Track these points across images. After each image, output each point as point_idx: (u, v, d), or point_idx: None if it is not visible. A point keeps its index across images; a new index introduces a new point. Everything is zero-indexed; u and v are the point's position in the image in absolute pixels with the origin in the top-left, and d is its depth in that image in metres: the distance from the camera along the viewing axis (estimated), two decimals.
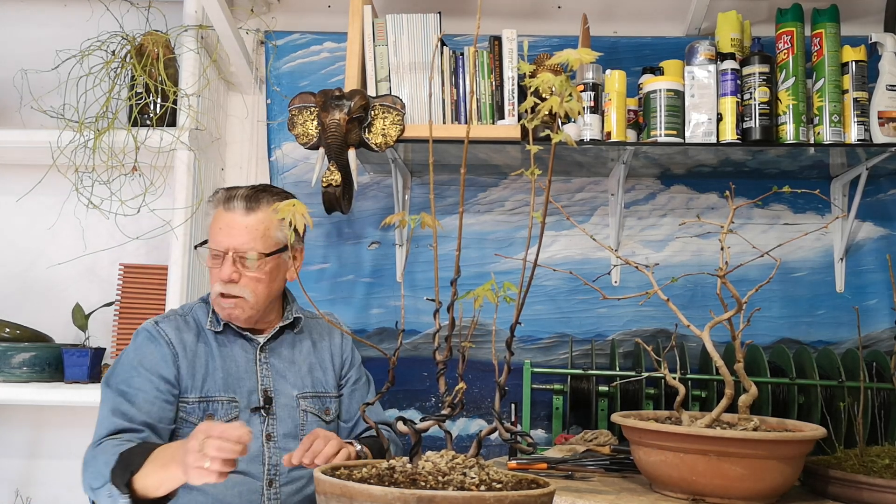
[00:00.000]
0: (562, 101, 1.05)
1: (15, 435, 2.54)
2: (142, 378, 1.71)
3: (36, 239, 2.56)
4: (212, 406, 1.75)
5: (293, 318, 1.88)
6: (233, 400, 1.77)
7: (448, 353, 1.13)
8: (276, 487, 1.76)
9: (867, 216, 2.47)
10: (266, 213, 1.78)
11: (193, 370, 1.76)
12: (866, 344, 2.38)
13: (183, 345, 1.77)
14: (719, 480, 1.48)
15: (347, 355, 1.95)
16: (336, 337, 1.96)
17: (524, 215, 2.53)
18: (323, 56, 2.59)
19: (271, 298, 1.83)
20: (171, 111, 2.34)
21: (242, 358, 1.82)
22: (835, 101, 2.14)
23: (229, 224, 1.77)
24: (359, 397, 1.93)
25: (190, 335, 1.80)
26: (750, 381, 1.60)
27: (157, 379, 1.72)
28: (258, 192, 1.81)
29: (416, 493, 0.93)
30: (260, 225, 1.77)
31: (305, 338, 1.91)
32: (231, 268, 1.75)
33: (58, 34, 2.52)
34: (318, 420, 1.83)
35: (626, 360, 2.41)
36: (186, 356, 1.76)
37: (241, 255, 1.76)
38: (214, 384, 1.77)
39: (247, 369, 1.81)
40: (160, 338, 1.77)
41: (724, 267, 1.58)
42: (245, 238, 1.76)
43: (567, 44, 2.52)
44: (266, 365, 1.83)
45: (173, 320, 1.82)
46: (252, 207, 1.78)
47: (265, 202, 1.79)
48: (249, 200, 1.78)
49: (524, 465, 1.77)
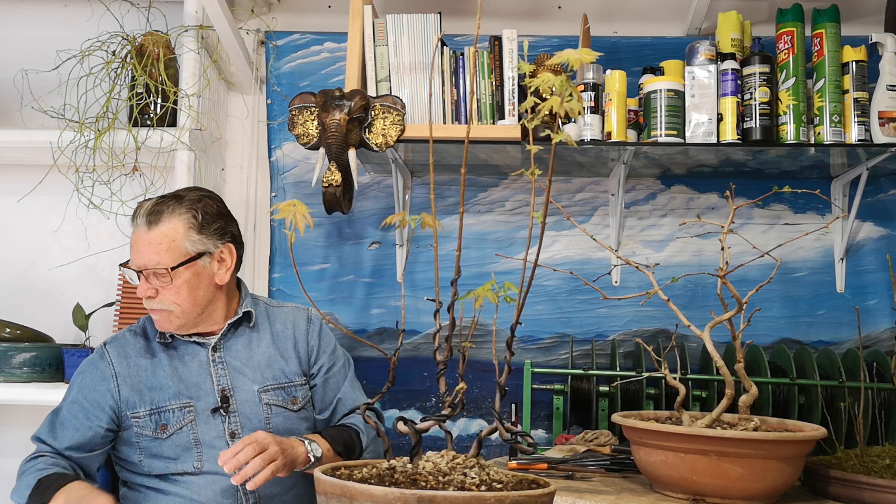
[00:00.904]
0: (562, 101, 1.05)
1: (15, 435, 2.54)
2: (77, 406, 1.78)
3: (36, 239, 2.56)
4: (164, 416, 1.77)
5: (242, 314, 1.86)
6: (187, 405, 1.77)
7: (448, 353, 1.13)
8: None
9: (867, 216, 2.47)
10: (170, 224, 1.75)
11: (139, 385, 1.79)
12: (867, 344, 2.38)
13: (127, 363, 1.81)
14: (720, 480, 1.48)
15: (314, 342, 1.91)
16: (301, 323, 1.92)
17: (524, 215, 2.53)
18: (323, 56, 2.59)
19: (202, 305, 1.79)
20: (172, 111, 2.34)
21: (195, 362, 1.82)
22: (835, 101, 2.14)
23: (136, 242, 1.77)
24: (333, 385, 1.90)
25: (135, 350, 1.83)
26: (750, 381, 1.60)
27: (92, 407, 1.78)
28: (161, 205, 1.77)
29: (417, 494, 0.93)
30: (164, 238, 1.74)
31: (265, 330, 1.88)
32: (146, 285, 1.76)
33: (58, 34, 2.52)
34: (283, 411, 1.82)
35: (626, 360, 2.41)
36: (130, 374, 1.80)
37: (151, 271, 1.74)
38: (163, 394, 1.78)
39: (200, 372, 1.81)
40: (102, 361, 1.81)
41: (725, 267, 1.59)
42: (150, 254, 1.74)
43: (567, 44, 2.51)
44: (221, 364, 1.82)
45: (121, 338, 1.86)
46: (153, 221, 1.75)
47: (167, 213, 1.75)
48: (150, 215, 1.76)
49: (524, 466, 1.77)
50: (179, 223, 1.76)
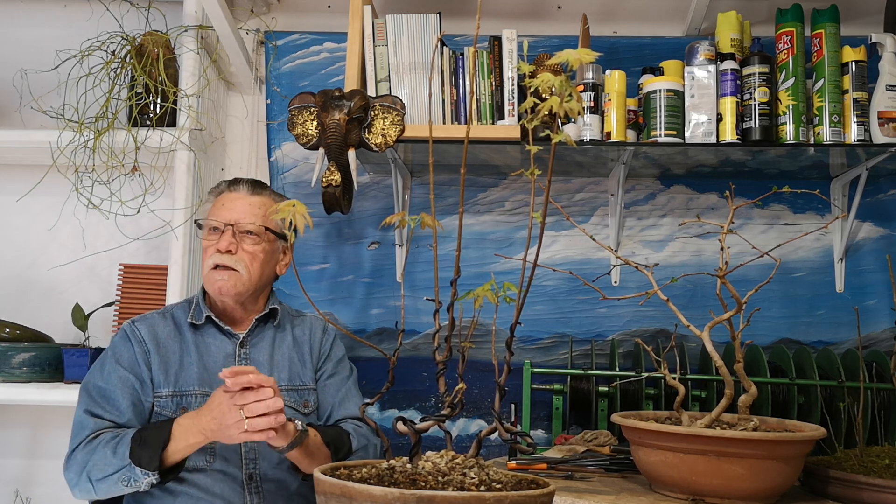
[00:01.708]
0: (561, 101, 1.05)
1: (15, 435, 2.54)
2: (118, 375, 1.76)
3: (36, 239, 2.56)
4: (185, 400, 1.78)
5: (269, 309, 1.90)
6: (207, 394, 1.76)
7: (448, 353, 1.13)
8: (257, 481, 1.76)
9: (867, 216, 2.47)
10: (269, 199, 1.91)
11: (166, 365, 1.79)
12: (866, 344, 2.38)
13: (156, 341, 1.81)
14: (719, 480, 1.48)
15: (326, 350, 1.96)
16: (318, 332, 1.97)
17: (524, 215, 2.53)
18: (323, 56, 2.59)
19: (261, 284, 1.87)
20: (171, 111, 2.34)
21: (221, 352, 1.84)
22: (835, 101, 2.14)
23: (232, 200, 1.87)
24: (332, 390, 1.91)
25: (165, 330, 1.84)
26: (750, 381, 1.60)
27: (132, 377, 1.77)
28: (262, 184, 1.95)
29: (416, 494, 0.93)
30: (264, 205, 1.87)
31: (287, 332, 1.93)
32: (230, 238, 1.82)
33: (58, 34, 2.52)
34: (295, 413, 1.83)
35: (625, 360, 2.41)
36: (159, 352, 1.80)
37: (243, 229, 1.83)
38: (188, 378, 1.79)
39: (225, 363, 1.81)
40: (133, 337, 1.81)
41: (724, 267, 1.59)
42: (248, 213, 1.85)
43: (567, 44, 2.51)
44: (246, 360, 1.84)
45: (150, 318, 1.87)
46: (257, 191, 1.90)
47: (268, 192, 1.93)
48: (255, 185, 1.92)
49: (524, 466, 1.77)
50: (275, 202, 1.90)
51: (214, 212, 1.88)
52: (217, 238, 1.83)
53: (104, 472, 1.64)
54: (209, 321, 1.86)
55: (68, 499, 2.46)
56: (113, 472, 1.63)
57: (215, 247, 1.82)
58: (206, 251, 1.85)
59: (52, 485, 2.50)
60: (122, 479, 1.62)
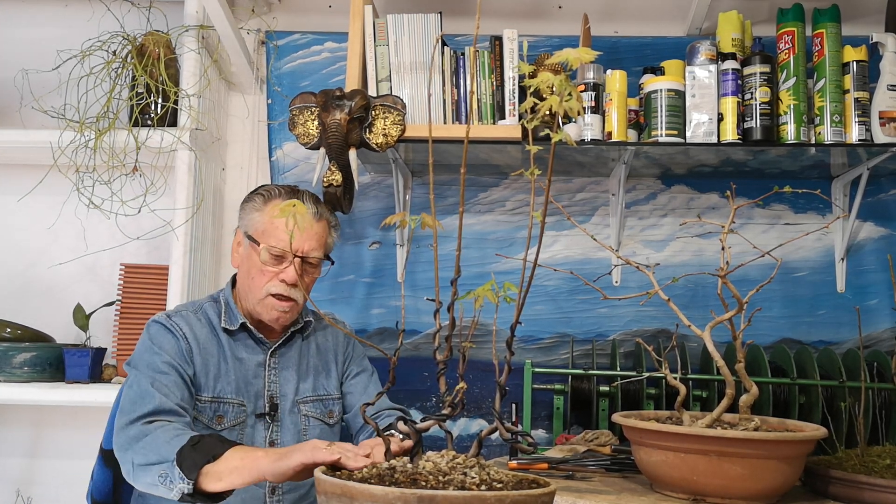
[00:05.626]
0: (561, 101, 1.04)
1: (16, 435, 2.54)
2: (165, 363, 1.65)
3: (37, 239, 2.56)
4: (222, 408, 1.71)
5: (303, 322, 1.87)
6: (242, 404, 1.74)
7: (448, 353, 1.13)
8: (279, 495, 1.75)
9: (868, 216, 2.47)
10: (326, 221, 1.83)
11: (207, 368, 1.72)
12: (867, 344, 2.38)
13: (197, 340, 1.72)
14: (720, 480, 1.48)
15: (350, 352, 1.94)
16: (340, 335, 1.95)
17: (525, 215, 2.53)
18: (324, 56, 2.59)
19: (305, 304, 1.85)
20: (172, 111, 2.34)
21: (252, 361, 1.79)
22: (836, 101, 2.14)
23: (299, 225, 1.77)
24: (360, 387, 1.90)
25: (203, 331, 1.75)
26: (751, 381, 1.60)
27: (181, 364, 1.67)
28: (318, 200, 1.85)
29: (417, 493, 0.93)
30: (324, 231, 1.82)
31: (311, 341, 1.90)
32: (297, 270, 1.74)
33: (58, 34, 2.52)
34: (320, 423, 1.82)
35: (626, 360, 2.41)
36: (200, 353, 1.72)
37: (308, 259, 1.77)
38: (227, 385, 1.73)
39: (256, 373, 1.78)
40: (175, 331, 1.71)
41: (725, 267, 1.58)
42: (315, 244, 1.79)
43: (568, 44, 2.51)
44: (275, 371, 1.80)
45: (185, 315, 1.76)
46: (318, 213, 1.81)
47: (324, 210, 1.84)
48: (316, 204, 1.82)
49: (525, 465, 1.77)
50: (328, 223, 1.85)
51: (276, 234, 1.74)
52: (279, 264, 1.74)
53: (147, 458, 1.48)
54: (242, 328, 1.80)
55: (68, 499, 2.48)
56: (157, 461, 1.47)
57: (280, 277, 1.74)
58: (265, 274, 1.74)
59: (53, 485, 2.51)
60: (161, 475, 1.46)
